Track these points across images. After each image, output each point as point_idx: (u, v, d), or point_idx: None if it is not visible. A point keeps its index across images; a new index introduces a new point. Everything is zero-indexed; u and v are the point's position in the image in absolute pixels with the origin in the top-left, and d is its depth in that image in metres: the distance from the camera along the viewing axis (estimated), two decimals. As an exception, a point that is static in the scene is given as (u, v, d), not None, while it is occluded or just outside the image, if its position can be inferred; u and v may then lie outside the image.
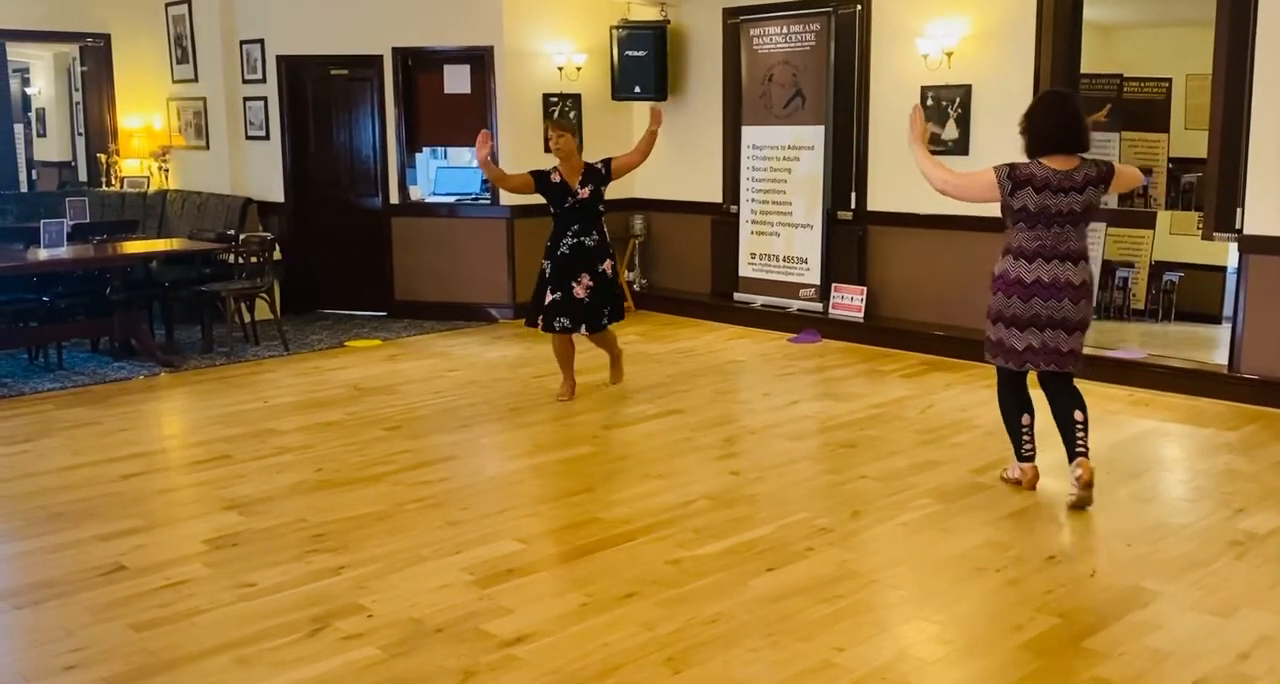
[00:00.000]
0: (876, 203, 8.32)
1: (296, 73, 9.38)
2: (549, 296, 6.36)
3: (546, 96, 9.17)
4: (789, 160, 8.65)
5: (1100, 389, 6.74)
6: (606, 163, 6.40)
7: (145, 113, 10.49)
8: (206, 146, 9.96)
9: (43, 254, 7.45)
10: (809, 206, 8.55)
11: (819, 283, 8.54)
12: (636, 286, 9.69)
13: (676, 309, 9.43)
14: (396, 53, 9.12)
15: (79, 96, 11.10)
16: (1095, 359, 7.09)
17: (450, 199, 9.54)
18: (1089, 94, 8.54)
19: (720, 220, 9.32)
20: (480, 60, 9.03)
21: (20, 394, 6.88)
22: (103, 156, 10.46)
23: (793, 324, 8.56)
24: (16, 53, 11.58)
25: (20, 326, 7.71)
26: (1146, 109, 9.00)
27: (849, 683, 3.25)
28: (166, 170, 10.40)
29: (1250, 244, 6.46)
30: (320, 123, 9.47)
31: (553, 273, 6.37)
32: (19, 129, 11.73)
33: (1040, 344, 4.67)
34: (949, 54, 7.68)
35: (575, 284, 6.33)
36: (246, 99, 9.65)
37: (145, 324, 7.98)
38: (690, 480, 5.12)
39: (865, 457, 5.47)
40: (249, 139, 9.72)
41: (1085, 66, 7.84)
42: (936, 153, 7.45)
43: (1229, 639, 3.50)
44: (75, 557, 4.26)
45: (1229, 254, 7.62)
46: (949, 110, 7.74)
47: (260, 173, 9.64)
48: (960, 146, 7.68)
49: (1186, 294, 8.69)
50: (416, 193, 9.53)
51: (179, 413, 6.68)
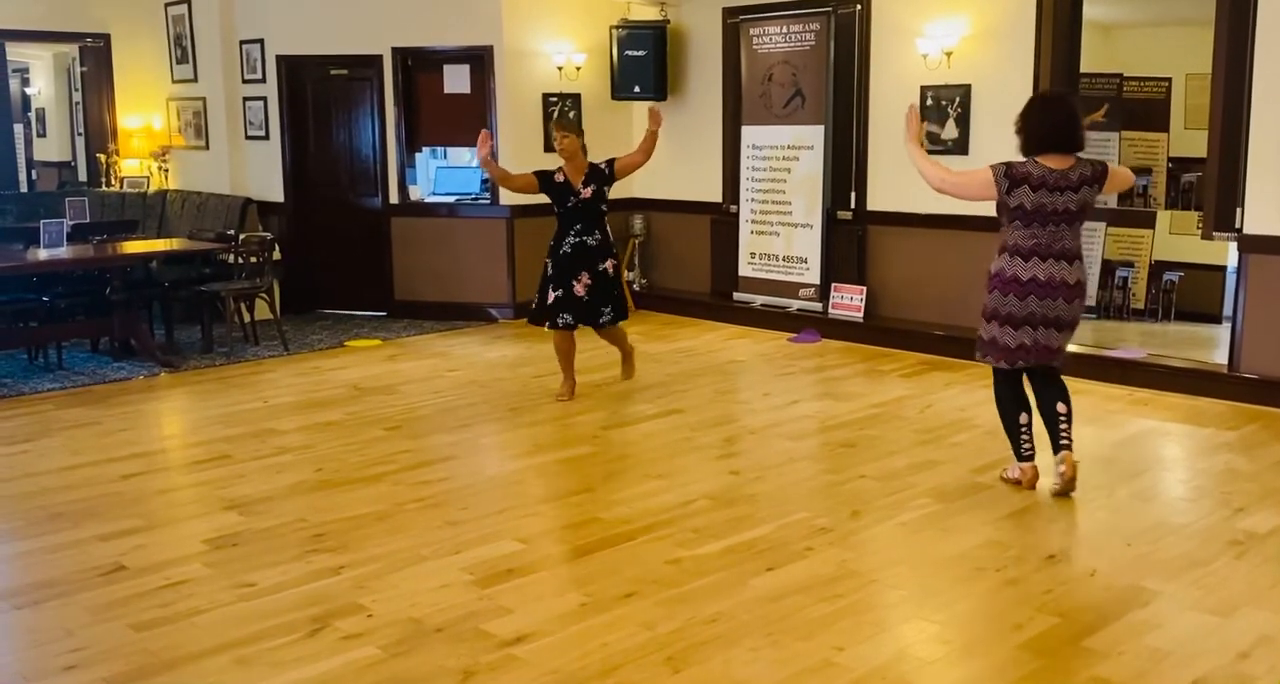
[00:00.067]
0: (876, 202, 8.32)
1: (296, 73, 9.38)
2: (551, 294, 6.42)
3: (546, 96, 9.17)
4: (789, 160, 8.65)
5: (1100, 389, 6.75)
6: (610, 163, 6.45)
7: (145, 113, 10.49)
8: (206, 146, 9.96)
9: (43, 254, 7.45)
10: (809, 206, 8.55)
11: (819, 282, 8.54)
12: (636, 286, 9.68)
13: (676, 309, 9.43)
14: (396, 52, 9.12)
15: (79, 96, 11.11)
16: (1095, 359, 7.11)
17: (450, 199, 9.54)
18: (1089, 93, 8.54)
19: (720, 220, 9.32)
20: (480, 60, 9.03)
21: (20, 394, 6.89)
22: (102, 157, 10.46)
23: (792, 324, 8.56)
24: (16, 53, 11.58)
25: (20, 326, 7.71)
26: (1146, 108, 9.00)
27: (849, 682, 3.25)
28: (166, 170, 10.40)
29: (1250, 243, 6.46)
30: (320, 123, 9.47)
31: (555, 271, 6.43)
32: (19, 129, 11.73)
33: (1032, 342, 4.71)
34: (948, 54, 7.68)
35: (575, 282, 6.38)
36: (246, 99, 9.65)
37: (145, 324, 7.97)
38: (690, 480, 5.12)
39: (865, 456, 5.47)
40: (249, 139, 9.73)
41: (1085, 66, 7.85)
42: (936, 152, 7.48)
43: (1229, 639, 3.50)
44: (75, 557, 4.26)
45: (1229, 254, 7.62)
46: (949, 110, 7.74)
47: (260, 173, 9.64)
48: (960, 146, 7.68)
49: (1186, 294, 8.69)
50: (416, 193, 9.53)
51: (179, 413, 6.69)
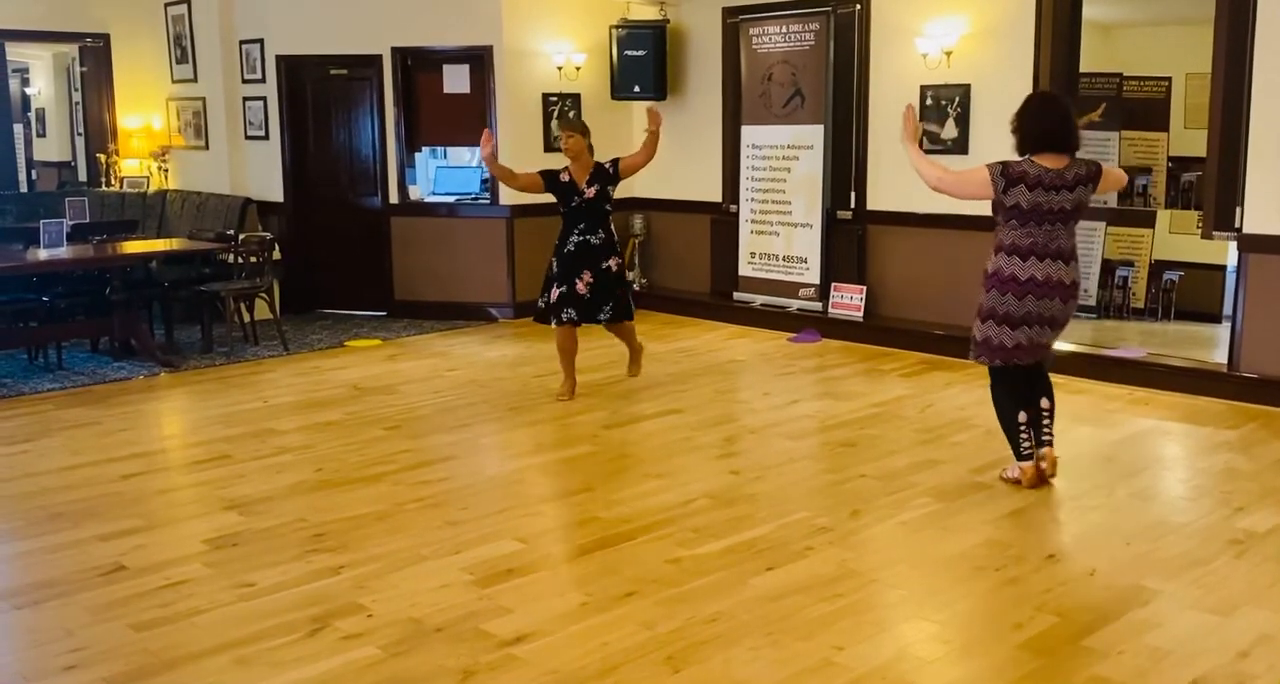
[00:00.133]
0: (876, 202, 8.32)
1: (296, 72, 9.37)
2: (555, 291, 6.46)
3: (546, 96, 9.17)
4: (788, 160, 8.65)
5: (1100, 388, 6.75)
6: (615, 162, 6.49)
7: (145, 113, 10.49)
8: (206, 146, 9.96)
9: (42, 254, 7.45)
10: (808, 206, 8.55)
11: (818, 282, 8.54)
12: (636, 286, 9.67)
13: (676, 308, 9.43)
14: (396, 52, 9.12)
15: (78, 96, 11.10)
16: (1095, 358, 7.11)
17: (450, 199, 9.54)
18: (1088, 93, 8.55)
19: (720, 220, 9.32)
20: (479, 60, 9.03)
21: (20, 394, 6.89)
22: (102, 157, 10.46)
23: (792, 323, 8.56)
24: (16, 53, 11.57)
25: (20, 326, 7.70)
26: (1146, 108, 8.99)
27: (848, 682, 3.25)
28: (166, 170, 10.40)
29: (1249, 243, 6.46)
30: (320, 123, 9.46)
31: (559, 269, 6.48)
32: (19, 129, 11.72)
33: (1027, 340, 4.74)
34: (948, 53, 7.68)
35: (578, 280, 6.41)
36: (246, 99, 9.65)
37: (145, 324, 7.97)
38: (690, 480, 5.12)
39: (865, 456, 5.47)
40: (248, 139, 9.73)
41: (1085, 65, 7.85)
42: (936, 152, 7.49)
43: (1228, 638, 3.50)
44: (75, 557, 4.27)
45: (1228, 253, 7.62)
46: (948, 109, 7.74)
47: (260, 173, 9.64)
48: (959, 146, 7.68)
49: (1186, 293, 8.69)
50: (416, 192, 9.53)
51: (179, 413, 6.69)
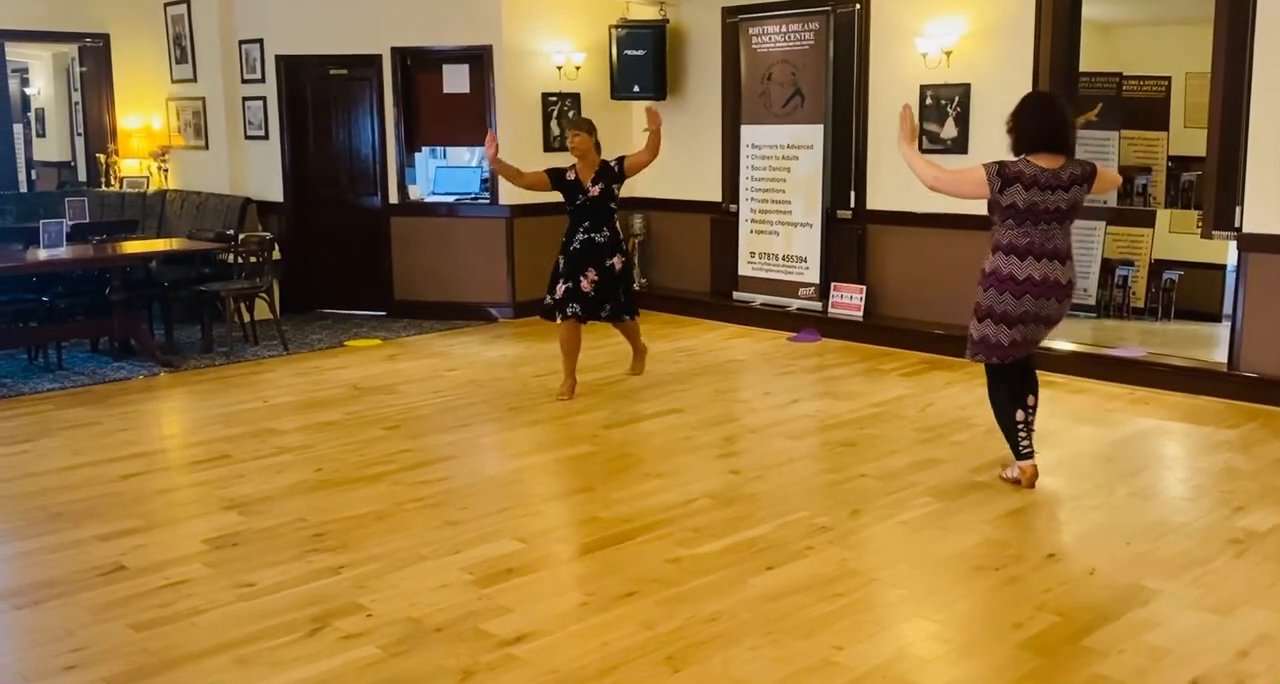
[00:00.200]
0: (876, 201, 8.32)
1: (296, 72, 9.37)
2: (560, 288, 6.50)
3: (545, 96, 9.17)
4: (788, 159, 8.65)
5: (1100, 387, 6.75)
6: (620, 161, 6.53)
7: (144, 113, 10.49)
8: (206, 146, 9.96)
9: (42, 254, 7.45)
10: (808, 205, 8.55)
11: (818, 282, 8.54)
12: (636, 286, 9.67)
13: (676, 308, 9.43)
14: (396, 52, 9.12)
15: (78, 97, 11.10)
16: (1095, 357, 7.11)
17: (450, 198, 9.55)
18: (1088, 93, 8.54)
19: (720, 219, 9.32)
20: (479, 60, 9.03)
21: (20, 394, 6.88)
22: (102, 157, 10.46)
23: (792, 323, 8.56)
24: (16, 53, 11.56)
25: (20, 326, 7.71)
26: (1146, 107, 8.99)
27: (848, 681, 3.25)
28: (166, 170, 10.40)
29: (1249, 242, 6.46)
30: (319, 122, 9.46)
31: (565, 267, 6.53)
32: (18, 129, 11.72)
33: (1022, 338, 4.77)
34: (948, 53, 7.68)
35: (583, 278, 6.45)
36: (245, 99, 9.65)
37: (145, 324, 7.97)
38: (690, 479, 5.12)
39: (865, 455, 5.47)
40: (248, 139, 9.73)
41: (1084, 65, 7.85)
42: (935, 151, 7.49)
43: (1228, 637, 3.50)
44: (75, 557, 4.26)
45: (1228, 252, 7.62)
46: (948, 109, 7.74)
47: (259, 172, 9.64)
48: (959, 145, 7.68)
49: (1186, 292, 8.68)
50: (416, 192, 9.53)
51: (179, 413, 6.69)
